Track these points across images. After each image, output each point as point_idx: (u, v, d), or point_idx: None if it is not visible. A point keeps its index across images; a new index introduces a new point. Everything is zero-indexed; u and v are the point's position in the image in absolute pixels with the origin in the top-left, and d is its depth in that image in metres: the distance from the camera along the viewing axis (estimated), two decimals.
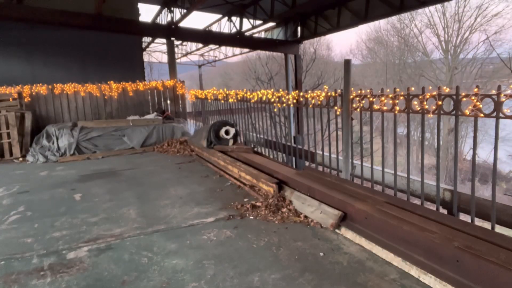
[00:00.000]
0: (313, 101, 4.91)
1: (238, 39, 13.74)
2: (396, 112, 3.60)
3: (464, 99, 2.96)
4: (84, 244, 3.42)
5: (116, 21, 10.94)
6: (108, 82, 9.95)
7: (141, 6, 12.87)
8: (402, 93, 3.52)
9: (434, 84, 21.70)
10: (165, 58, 26.26)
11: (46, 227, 3.92)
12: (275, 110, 6.59)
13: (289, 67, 14.97)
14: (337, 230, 3.45)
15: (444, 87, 3.20)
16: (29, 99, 9.20)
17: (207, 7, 12.67)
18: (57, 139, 8.15)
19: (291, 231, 3.50)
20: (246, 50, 20.85)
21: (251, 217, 3.91)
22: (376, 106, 3.84)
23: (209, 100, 8.88)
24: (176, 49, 21.12)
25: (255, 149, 6.86)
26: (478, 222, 3.19)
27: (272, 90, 6.03)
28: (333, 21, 11.98)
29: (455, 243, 2.47)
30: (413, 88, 3.48)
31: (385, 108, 3.73)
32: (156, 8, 14.18)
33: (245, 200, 4.48)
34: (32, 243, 3.49)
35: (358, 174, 4.42)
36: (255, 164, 5.44)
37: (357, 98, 4.04)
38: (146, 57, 23.92)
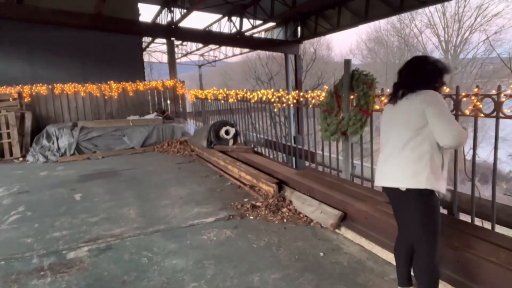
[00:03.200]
0: (313, 101, 4.91)
1: (238, 39, 13.73)
2: None
3: (464, 99, 2.96)
4: (84, 244, 3.42)
5: (116, 21, 10.93)
6: (108, 82, 9.95)
7: (141, 6, 12.85)
8: None
9: None
10: (165, 58, 26.24)
11: (46, 227, 3.92)
12: (275, 110, 6.58)
13: (289, 67, 14.96)
14: (337, 230, 3.45)
15: (444, 87, 3.19)
16: (29, 99, 9.20)
17: (207, 7, 12.66)
18: (57, 139, 8.15)
19: (291, 231, 3.51)
20: (246, 50, 20.83)
21: (251, 217, 3.91)
22: (376, 106, 3.84)
23: (209, 100, 8.88)
24: (176, 49, 21.08)
25: (255, 149, 6.86)
26: (478, 222, 3.19)
27: (272, 90, 6.03)
28: (333, 21, 11.98)
29: (455, 243, 2.47)
30: None
31: None
32: (156, 8, 14.17)
33: (245, 200, 4.49)
34: (32, 243, 3.49)
35: (358, 174, 4.42)
36: (255, 164, 5.44)
37: None
38: (146, 57, 23.89)
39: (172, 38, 12.54)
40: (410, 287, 2.31)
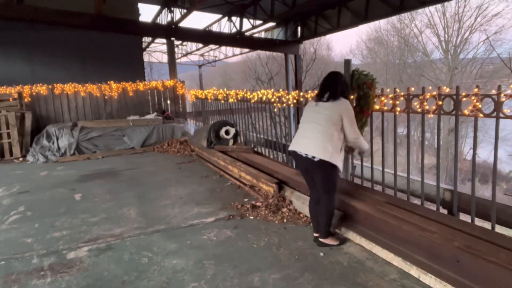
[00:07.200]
0: None
1: (238, 39, 13.73)
2: (397, 112, 3.59)
3: (464, 99, 2.96)
4: (84, 244, 3.42)
5: (116, 21, 10.93)
6: (108, 82, 9.95)
7: (141, 6, 12.89)
8: (402, 93, 3.52)
9: (434, 84, 21.70)
10: (165, 58, 26.26)
11: (46, 227, 3.92)
12: (275, 110, 6.59)
13: (289, 67, 14.96)
14: (337, 230, 3.45)
15: (444, 87, 3.19)
16: (29, 99, 9.21)
17: (207, 7, 12.66)
18: (57, 139, 8.15)
19: (291, 231, 3.51)
20: (246, 50, 20.83)
21: (251, 217, 3.91)
22: (376, 106, 3.84)
23: (209, 100, 8.88)
24: (176, 49, 21.12)
25: (255, 149, 6.86)
26: (478, 222, 3.19)
27: (272, 90, 6.03)
28: (333, 21, 11.98)
29: (455, 243, 2.47)
30: (413, 88, 3.48)
31: (385, 108, 3.73)
32: (156, 8, 14.17)
33: (245, 200, 4.49)
34: (32, 243, 3.49)
35: (358, 174, 4.42)
36: (255, 164, 5.44)
37: None
38: (146, 57, 23.91)
39: (172, 38, 12.55)
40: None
